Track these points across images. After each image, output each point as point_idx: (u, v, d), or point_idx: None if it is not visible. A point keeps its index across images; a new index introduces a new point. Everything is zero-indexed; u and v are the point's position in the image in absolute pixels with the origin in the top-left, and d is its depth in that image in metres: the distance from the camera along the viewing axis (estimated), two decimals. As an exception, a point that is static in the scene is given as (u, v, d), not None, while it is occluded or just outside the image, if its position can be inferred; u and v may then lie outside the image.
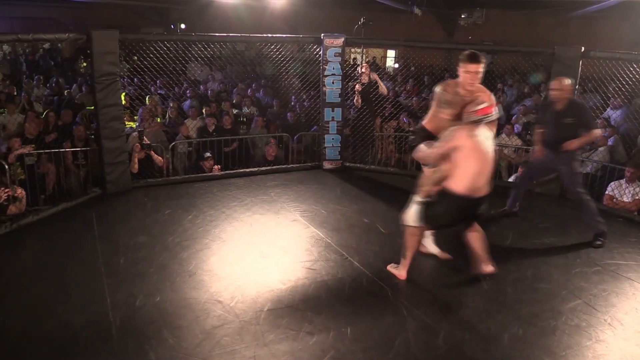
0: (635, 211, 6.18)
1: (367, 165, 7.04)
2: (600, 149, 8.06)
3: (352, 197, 5.81)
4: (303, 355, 3.11)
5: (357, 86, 6.82)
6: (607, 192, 6.53)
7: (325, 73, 6.45)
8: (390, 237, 4.76)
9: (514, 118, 9.81)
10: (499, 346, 3.26)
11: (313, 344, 3.20)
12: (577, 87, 5.78)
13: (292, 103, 10.19)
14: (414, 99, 11.36)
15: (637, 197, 6.29)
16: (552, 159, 5.00)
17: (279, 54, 7.03)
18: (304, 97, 9.75)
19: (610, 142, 8.33)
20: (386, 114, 9.32)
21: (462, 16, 14.86)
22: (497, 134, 8.22)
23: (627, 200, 6.31)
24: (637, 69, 5.97)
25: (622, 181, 6.49)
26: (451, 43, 10.79)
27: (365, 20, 6.89)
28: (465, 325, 3.46)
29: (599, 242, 4.78)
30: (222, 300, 3.67)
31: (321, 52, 6.46)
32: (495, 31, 15.23)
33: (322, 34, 6.43)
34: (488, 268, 3.94)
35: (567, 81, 4.86)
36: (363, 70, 6.73)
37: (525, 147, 7.69)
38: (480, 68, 3.74)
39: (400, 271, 4.02)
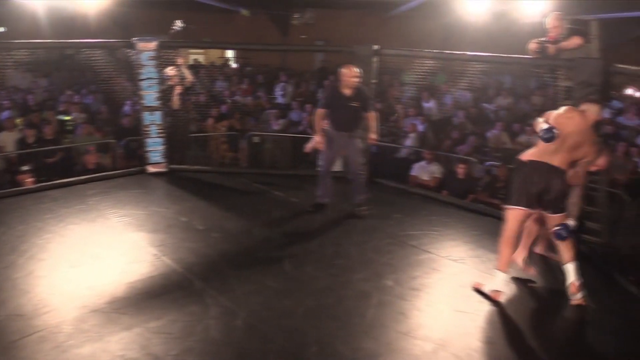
0: (433, 188, 7.06)
1: (194, 166, 7.19)
2: (412, 135, 9.01)
3: (173, 198, 5.92)
4: (103, 355, 3.19)
5: (177, 88, 6.91)
6: (412, 174, 7.38)
7: (141, 77, 6.44)
8: (205, 232, 4.96)
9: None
10: (292, 320, 3.61)
11: (115, 343, 3.30)
12: (374, 80, 6.41)
13: (126, 107, 9.97)
14: (249, 98, 11.68)
15: (434, 176, 7.19)
16: (342, 141, 5.40)
17: (101, 58, 6.87)
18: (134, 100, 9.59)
19: (420, 129, 9.33)
20: (216, 114, 9.53)
21: (295, 16, 15.47)
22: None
23: (426, 179, 7.18)
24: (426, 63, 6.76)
25: (424, 162, 7.37)
26: (274, 45, 11.24)
27: (183, 23, 6.99)
28: (265, 305, 3.77)
29: (364, 210, 5.52)
30: (23, 314, 3.60)
31: (135, 57, 6.44)
32: (326, 30, 16.10)
33: (134, 38, 6.42)
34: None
35: (358, 69, 5.37)
36: (173, 72, 6.82)
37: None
38: None
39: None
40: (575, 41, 5.40)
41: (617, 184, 8.12)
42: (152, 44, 6.39)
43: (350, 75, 5.25)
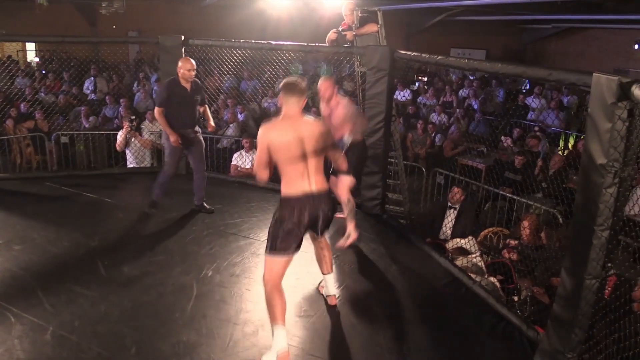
0: (254, 176, 7.23)
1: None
2: (232, 125, 9.10)
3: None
4: None
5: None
6: (232, 163, 7.47)
7: None
8: (5, 245, 4.51)
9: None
10: (108, 324, 3.49)
11: None
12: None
13: None
14: (61, 96, 10.69)
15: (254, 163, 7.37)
16: (187, 138, 5.22)
17: None
18: None
19: (240, 118, 9.46)
20: (15, 115, 8.66)
21: (103, 5, 14.45)
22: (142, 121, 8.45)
23: (248, 167, 7.33)
24: (234, 53, 6.83)
25: (243, 151, 7.51)
26: (73, 37, 10.45)
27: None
28: (77, 314, 3.58)
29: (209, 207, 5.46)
30: None
31: None
32: (139, 20, 15.33)
33: None
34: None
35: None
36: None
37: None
38: None
39: None
40: (372, 28, 5.92)
41: (418, 158, 9.12)
42: None
43: (190, 67, 5.12)
